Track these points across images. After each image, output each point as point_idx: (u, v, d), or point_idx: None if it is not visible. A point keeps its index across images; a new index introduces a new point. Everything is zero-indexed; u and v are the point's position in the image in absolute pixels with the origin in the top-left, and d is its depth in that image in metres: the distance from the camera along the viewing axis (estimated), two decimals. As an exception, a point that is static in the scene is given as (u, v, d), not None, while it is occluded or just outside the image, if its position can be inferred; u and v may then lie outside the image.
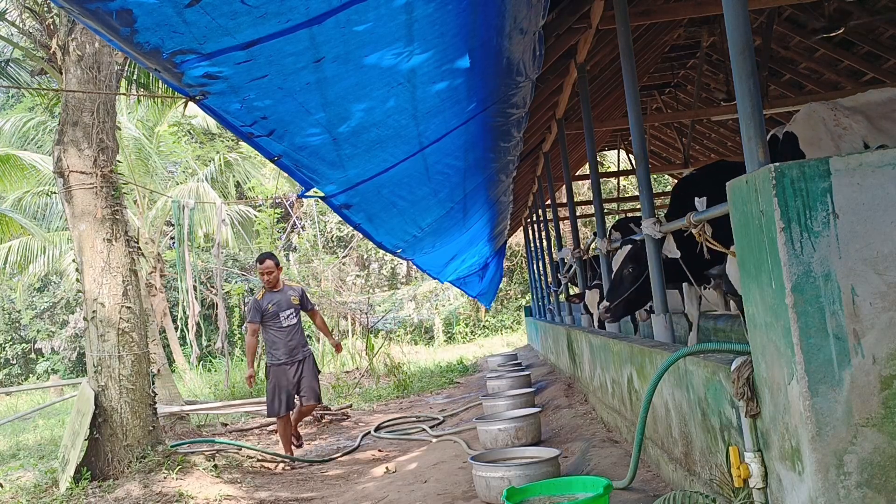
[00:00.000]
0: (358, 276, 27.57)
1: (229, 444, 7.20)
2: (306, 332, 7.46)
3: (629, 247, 4.96)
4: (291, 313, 6.98)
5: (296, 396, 7.01)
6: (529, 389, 7.56)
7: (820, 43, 8.64)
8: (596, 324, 6.83)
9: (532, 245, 15.02)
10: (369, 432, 8.14)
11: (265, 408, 9.05)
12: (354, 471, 6.29)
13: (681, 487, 3.35)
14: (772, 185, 2.14)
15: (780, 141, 3.94)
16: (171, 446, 6.27)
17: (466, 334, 25.90)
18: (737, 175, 2.44)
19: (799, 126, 3.88)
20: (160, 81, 7.39)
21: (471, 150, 6.17)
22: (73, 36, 6.03)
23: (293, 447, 7.18)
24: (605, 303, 5.01)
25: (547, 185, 10.09)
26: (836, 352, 2.10)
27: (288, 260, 23.61)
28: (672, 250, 4.27)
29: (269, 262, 6.97)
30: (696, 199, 3.65)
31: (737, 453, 2.57)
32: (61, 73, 6.21)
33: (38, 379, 23.14)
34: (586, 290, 7.01)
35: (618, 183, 18.94)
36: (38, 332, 24.14)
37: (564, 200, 8.80)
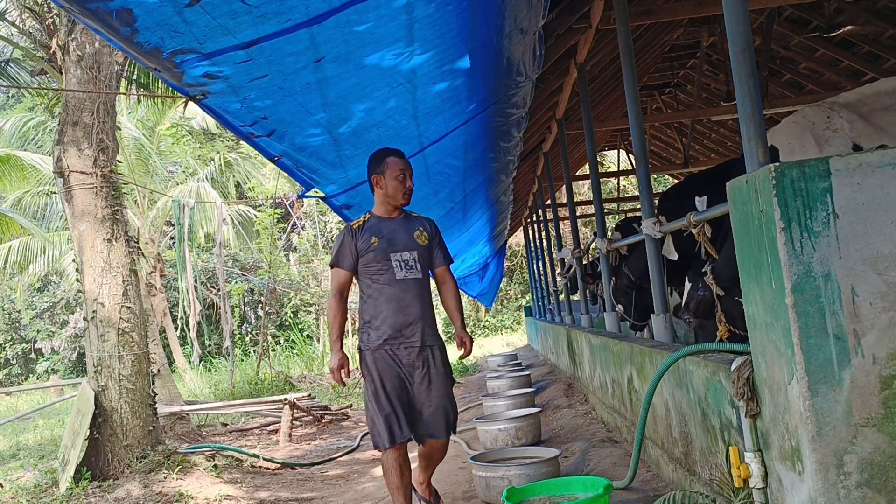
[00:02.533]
0: (358, 276, 27.52)
1: (245, 453, 6.80)
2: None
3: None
4: (413, 260, 3.73)
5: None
6: (529, 389, 7.56)
7: (820, 43, 8.64)
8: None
9: (532, 245, 15.01)
10: (369, 432, 8.14)
11: (265, 407, 9.07)
12: (354, 471, 6.29)
13: (681, 487, 3.35)
14: (772, 185, 2.14)
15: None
16: (184, 451, 6.23)
17: (466, 334, 25.81)
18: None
19: (781, 136, 3.82)
20: (160, 81, 7.39)
21: (471, 151, 6.17)
22: (73, 36, 6.03)
23: None
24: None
25: (547, 185, 10.09)
26: (836, 352, 2.10)
27: (288, 260, 23.62)
28: (671, 252, 4.26)
29: (403, 160, 3.79)
30: (697, 198, 3.65)
31: (737, 453, 2.57)
32: (61, 73, 6.22)
33: (38, 379, 23.14)
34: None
35: (618, 183, 18.94)
36: (38, 332, 24.13)
37: (564, 200, 8.80)
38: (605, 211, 8.97)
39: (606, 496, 3.21)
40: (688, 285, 4.13)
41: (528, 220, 15.53)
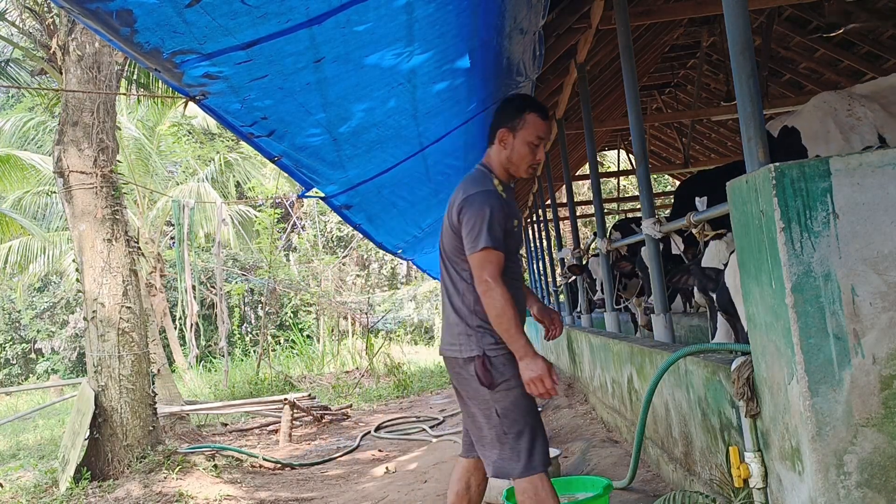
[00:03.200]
0: (358, 276, 27.58)
1: (245, 453, 6.78)
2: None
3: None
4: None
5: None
6: (529, 389, 7.55)
7: (820, 43, 8.65)
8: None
9: (532, 245, 15.01)
10: (369, 432, 8.14)
11: (265, 407, 9.08)
12: (354, 471, 6.29)
13: (681, 487, 3.35)
14: (772, 185, 2.14)
15: (780, 135, 3.86)
16: (184, 451, 6.22)
17: (466, 334, 25.83)
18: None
19: (804, 119, 3.80)
20: (160, 81, 7.39)
21: (471, 150, 6.17)
22: (73, 36, 6.03)
23: None
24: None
25: (547, 185, 10.09)
26: (836, 352, 2.10)
27: (288, 260, 23.62)
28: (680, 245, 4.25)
29: (547, 123, 2.86)
30: (697, 198, 3.65)
31: (737, 453, 2.57)
32: (61, 73, 6.22)
33: (38, 379, 23.13)
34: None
35: (618, 183, 18.94)
36: (38, 332, 24.13)
37: (564, 200, 8.80)
38: (605, 211, 8.97)
39: (606, 496, 3.21)
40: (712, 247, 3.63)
41: (528, 220, 15.53)
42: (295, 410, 8.48)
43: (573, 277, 8.21)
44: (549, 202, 10.41)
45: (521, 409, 2.70)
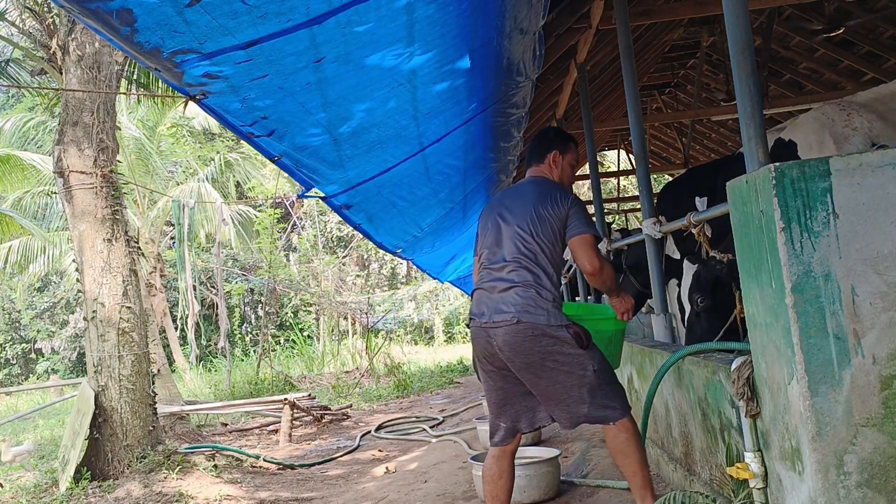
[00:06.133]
0: (358, 276, 27.58)
1: (244, 454, 6.78)
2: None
3: (693, 268, 3.88)
4: None
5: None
6: (529, 389, 7.55)
7: (820, 43, 8.64)
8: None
9: (532, 245, 15.00)
10: (369, 432, 8.14)
11: (265, 407, 9.07)
12: (355, 471, 6.29)
13: (681, 487, 3.35)
14: (772, 185, 2.14)
15: (775, 148, 3.88)
16: (184, 451, 6.21)
17: (466, 334, 25.90)
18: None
19: (800, 132, 3.83)
20: (160, 81, 7.40)
21: (471, 151, 6.17)
22: (73, 36, 6.03)
23: None
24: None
25: (547, 185, 10.08)
26: (837, 352, 2.10)
27: (288, 260, 23.61)
28: (674, 250, 4.26)
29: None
30: (697, 198, 3.65)
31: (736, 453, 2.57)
32: (61, 73, 6.22)
33: (38, 379, 23.12)
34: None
35: (618, 183, 18.92)
36: (38, 332, 24.13)
37: (564, 200, 8.79)
38: (605, 211, 8.96)
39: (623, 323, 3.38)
40: (691, 267, 3.86)
41: (528, 220, 15.51)
42: (295, 410, 8.48)
43: (571, 271, 8.22)
44: (549, 202, 10.40)
45: (607, 364, 3.19)
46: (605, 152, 17.58)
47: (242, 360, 17.85)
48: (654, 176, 19.77)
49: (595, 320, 3.35)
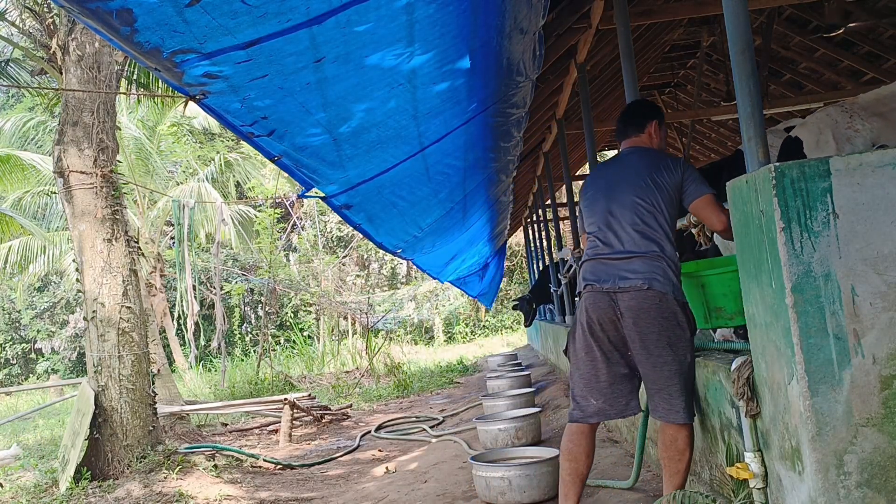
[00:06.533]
0: (358, 276, 27.58)
1: (244, 454, 6.75)
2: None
3: None
4: None
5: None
6: (529, 389, 7.56)
7: (820, 43, 8.64)
8: None
9: (532, 245, 15.02)
10: (369, 432, 8.14)
11: (265, 407, 9.07)
12: (355, 471, 6.29)
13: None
14: (772, 185, 2.14)
15: (783, 144, 3.93)
16: (184, 451, 6.20)
17: (466, 334, 25.91)
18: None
19: (805, 131, 3.89)
20: (160, 81, 7.40)
21: (471, 151, 6.17)
22: (73, 36, 6.03)
23: None
24: None
25: (547, 185, 10.10)
26: (837, 352, 2.10)
27: (288, 260, 23.62)
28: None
29: None
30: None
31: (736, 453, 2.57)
32: (61, 73, 6.22)
33: (38, 379, 23.14)
34: None
35: (618, 183, 18.90)
36: (38, 332, 24.14)
37: (564, 200, 8.81)
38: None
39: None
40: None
41: (528, 220, 15.54)
42: (295, 410, 8.48)
43: (571, 271, 8.23)
44: (549, 202, 10.42)
45: (694, 361, 3.07)
46: (605, 152, 17.58)
47: (242, 360, 17.85)
48: (654, 176, 19.71)
49: (726, 272, 3.11)
